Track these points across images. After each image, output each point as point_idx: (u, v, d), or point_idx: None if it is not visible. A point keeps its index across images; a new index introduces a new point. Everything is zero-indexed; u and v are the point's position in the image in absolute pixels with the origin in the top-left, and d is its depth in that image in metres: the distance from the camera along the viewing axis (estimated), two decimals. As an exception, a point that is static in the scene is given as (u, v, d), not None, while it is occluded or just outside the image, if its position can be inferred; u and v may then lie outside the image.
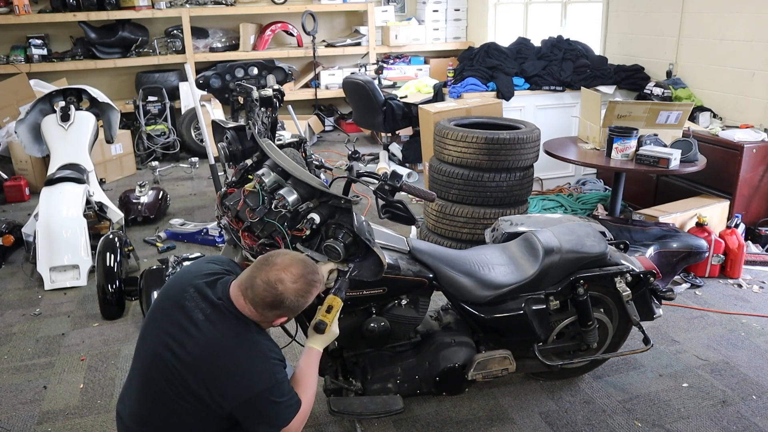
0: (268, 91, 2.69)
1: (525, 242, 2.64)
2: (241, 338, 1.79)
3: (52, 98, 4.90)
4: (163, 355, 1.80)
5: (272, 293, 1.78)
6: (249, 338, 1.81)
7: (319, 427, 2.63)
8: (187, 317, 1.81)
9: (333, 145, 7.37)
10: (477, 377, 2.49)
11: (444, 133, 3.96)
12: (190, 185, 6.05)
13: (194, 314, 1.81)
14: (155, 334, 1.86)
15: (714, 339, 3.27)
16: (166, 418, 1.84)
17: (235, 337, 1.79)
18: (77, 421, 2.71)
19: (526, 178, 4.02)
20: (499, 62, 5.48)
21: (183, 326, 1.81)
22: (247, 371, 1.77)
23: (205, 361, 1.76)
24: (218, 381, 1.76)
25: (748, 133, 4.22)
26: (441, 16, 7.93)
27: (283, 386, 1.83)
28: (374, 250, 2.17)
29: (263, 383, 1.78)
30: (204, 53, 7.35)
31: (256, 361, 1.79)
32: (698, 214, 3.94)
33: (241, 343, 1.79)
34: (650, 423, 2.65)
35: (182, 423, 1.83)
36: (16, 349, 3.29)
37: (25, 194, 5.66)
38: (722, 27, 4.64)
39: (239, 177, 2.43)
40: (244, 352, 1.78)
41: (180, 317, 1.82)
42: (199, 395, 1.77)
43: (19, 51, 6.86)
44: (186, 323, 1.81)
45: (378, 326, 2.32)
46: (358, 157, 5.77)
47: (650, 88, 5.06)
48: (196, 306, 1.83)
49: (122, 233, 4.03)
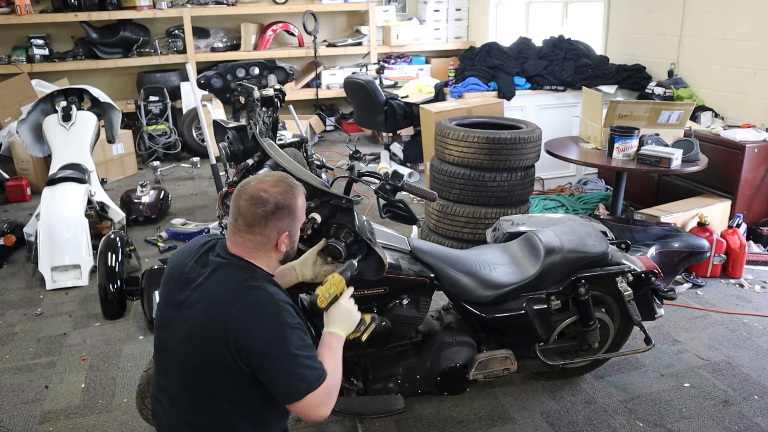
0: (269, 91, 2.70)
1: (526, 242, 2.64)
2: (242, 285, 1.73)
3: (54, 98, 4.91)
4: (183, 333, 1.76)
5: (259, 202, 1.75)
6: (251, 284, 1.74)
7: (320, 427, 2.63)
8: (191, 287, 1.79)
9: (334, 145, 7.37)
10: (478, 377, 2.49)
11: (445, 133, 3.96)
12: (192, 185, 6.06)
13: (196, 282, 1.79)
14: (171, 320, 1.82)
15: (715, 339, 3.27)
16: (210, 398, 1.77)
17: (236, 286, 1.73)
18: (78, 421, 2.72)
19: (528, 178, 4.02)
20: (501, 62, 5.47)
21: (189, 297, 1.78)
22: (254, 317, 1.69)
23: (213, 319, 1.70)
24: (230, 334, 1.67)
25: (749, 132, 4.22)
26: (442, 15, 7.93)
27: (296, 334, 1.70)
28: (375, 250, 2.17)
29: (273, 328, 1.68)
30: (205, 53, 7.35)
31: (262, 305, 1.71)
32: (700, 214, 3.94)
33: (243, 290, 1.72)
34: (652, 423, 2.65)
35: (226, 397, 1.76)
36: (18, 349, 3.30)
37: (26, 194, 5.66)
38: (724, 26, 4.64)
39: (240, 177, 2.44)
40: (248, 299, 1.71)
41: (185, 291, 1.80)
42: (224, 358, 1.69)
43: (20, 51, 6.87)
44: (191, 293, 1.78)
45: (379, 326, 2.32)
46: (359, 157, 5.77)
47: (652, 87, 5.06)
48: (198, 274, 1.80)
49: (123, 233, 4.03)
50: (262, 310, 1.70)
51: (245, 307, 1.70)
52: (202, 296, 1.76)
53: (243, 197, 1.77)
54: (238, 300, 1.71)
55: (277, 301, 1.72)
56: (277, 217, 1.77)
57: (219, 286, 1.75)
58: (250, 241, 1.78)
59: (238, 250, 1.80)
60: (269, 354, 1.68)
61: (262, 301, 1.71)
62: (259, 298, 1.71)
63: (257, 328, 1.68)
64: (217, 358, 1.70)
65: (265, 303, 1.71)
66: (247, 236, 1.77)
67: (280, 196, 1.77)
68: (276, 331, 1.69)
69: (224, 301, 1.71)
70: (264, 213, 1.75)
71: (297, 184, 1.85)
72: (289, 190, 1.80)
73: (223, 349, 1.68)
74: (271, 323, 1.69)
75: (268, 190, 1.76)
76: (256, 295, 1.71)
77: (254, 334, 1.68)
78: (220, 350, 1.69)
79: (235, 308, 1.69)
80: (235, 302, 1.70)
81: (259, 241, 1.78)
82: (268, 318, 1.69)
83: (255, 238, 1.77)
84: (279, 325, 1.69)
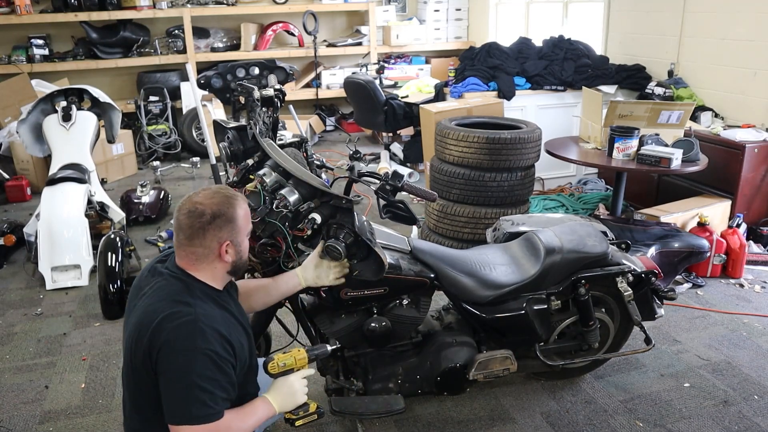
0: (269, 90, 2.69)
1: (526, 242, 2.64)
2: (171, 299, 1.74)
3: (54, 98, 4.91)
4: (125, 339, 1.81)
5: (195, 214, 1.76)
6: (180, 299, 1.74)
7: (320, 427, 2.63)
8: (139, 296, 1.83)
9: (334, 145, 7.36)
10: (478, 377, 2.49)
11: (445, 133, 3.96)
12: (192, 185, 6.05)
13: (143, 291, 1.83)
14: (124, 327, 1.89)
15: (715, 339, 3.27)
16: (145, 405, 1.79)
17: (166, 298, 1.74)
18: (79, 421, 2.72)
19: (528, 178, 4.02)
20: (501, 62, 5.47)
21: (135, 305, 1.82)
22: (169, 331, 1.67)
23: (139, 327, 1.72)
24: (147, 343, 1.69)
25: (749, 132, 4.22)
26: (442, 15, 7.93)
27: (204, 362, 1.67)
28: (375, 250, 2.17)
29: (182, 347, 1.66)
30: (205, 53, 7.35)
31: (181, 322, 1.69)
32: (700, 214, 3.94)
33: (169, 304, 1.73)
34: (652, 423, 2.65)
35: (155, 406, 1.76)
36: (18, 349, 3.30)
37: (26, 194, 5.67)
38: (724, 26, 4.64)
39: (240, 177, 2.43)
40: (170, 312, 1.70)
41: (134, 300, 1.85)
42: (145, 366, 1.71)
43: (20, 51, 6.87)
44: (137, 301, 1.82)
45: (379, 326, 2.32)
46: (359, 157, 5.76)
47: (652, 87, 5.06)
48: (147, 284, 1.84)
49: (123, 233, 4.03)
50: (179, 327, 1.69)
51: (164, 319, 1.69)
52: (140, 305, 1.79)
53: (182, 212, 1.79)
54: (161, 312, 1.71)
55: (198, 322, 1.70)
56: (214, 227, 1.78)
57: (153, 297, 1.77)
58: (192, 254, 1.80)
59: (182, 263, 1.82)
60: (169, 370, 1.68)
61: (183, 318, 1.70)
62: (181, 314, 1.70)
63: (167, 342, 1.67)
64: (142, 366, 1.72)
65: (185, 320, 1.69)
66: (189, 249, 1.79)
67: (216, 207, 1.78)
68: (184, 351, 1.67)
69: (151, 311, 1.73)
70: (201, 224, 1.77)
71: (236, 195, 1.85)
72: (226, 201, 1.81)
73: (146, 358, 1.71)
74: (182, 341, 1.67)
75: (204, 202, 1.78)
76: (180, 311, 1.71)
77: (164, 348, 1.67)
78: (143, 358, 1.71)
79: (156, 320, 1.70)
80: (157, 314, 1.71)
81: (201, 253, 1.80)
82: (181, 336, 1.68)
83: (196, 250, 1.79)
84: (190, 346, 1.67)
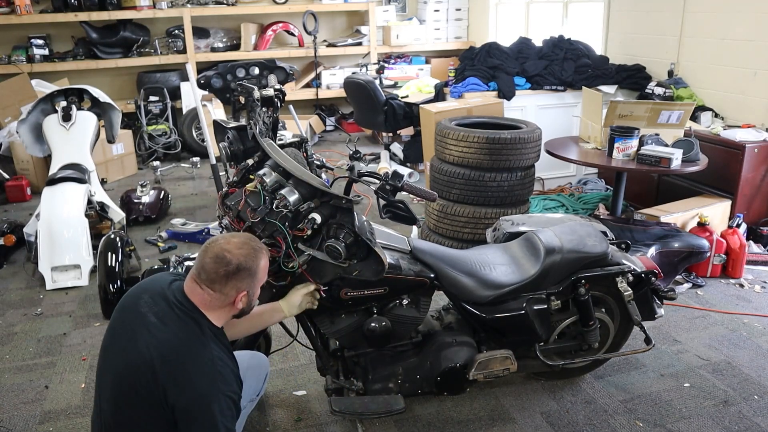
0: (269, 90, 2.69)
1: (526, 242, 2.64)
2: (191, 340, 1.80)
3: (54, 98, 4.91)
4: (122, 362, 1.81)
5: (222, 262, 1.83)
6: (199, 341, 1.81)
7: (320, 427, 2.63)
8: (141, 322, 1.83)
9: (334, 145, 7.37)
10: (478, 377, 2.49)
11: (445, 133, 3.96)
12: (192, 185, 6.06)
13: (148, 318, 1.83)
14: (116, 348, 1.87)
15: (715, 339, 3.27)
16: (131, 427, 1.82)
17: (185, 338, 1.80)
18: (79, 421, 2.72)
19: (528, 178, 4.02)
20: (501, 62, 5.47)
21: (136, 331, 1.82)
22: (192, 372, 1.75)
23: (155, 361, 1.75)
24: (165, 380, 1.74)
25: (749, 132, 4.22)
26: (442, 15, 7.93)
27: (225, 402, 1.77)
28: (375, 250, 2.17)
29: (204, 387, 1.75)
30: (205, 53, 7.35)
31: (202, 363, 1.78)
32: (700, 214, 3.94)
33: (190, 345, 1.79)
34: (652, 423, 2.65)
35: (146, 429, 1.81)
36: (18, 349, 3.30)
37: (26, 194, 5.67)
38: (724, 26, 4.64)
39: (240, 177, 2.43)
40: (191, 353, 1.78)
41: (134, 323, 1.84)
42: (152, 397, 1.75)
43: (20, 51, 6.87)
44: (139, 327, 1.82)
45: (379, 326, 2.32)
46: (359, 157, 5.76)
47: (652, 87, 5.06)
48: (150, 310, 1.85)
49: (123, 233, 4.03)
50: (203, 371, 1.76)
51: (187, 362, 1.76)
52: (148, 335, 1.80)
53: (209, 254, 1.85)
54: (181, 354, 1.76)
55: (216, 365, 1.78)
56: (238, 278, 1.85)
57: (166, 332, 1.80)
58: (209, 296, 1.85)
59: (195, 299, 1.86)
60: (192, 412, 1.74)
61: (205, 362, 1.77)
62: (202, 358, 1.78)
63: (191, 388, 1.74)
64: (146, 395, 1.76)
65: (207, 365, 1.77)
66: (207, 290, 1.85)
67: (243, 258, 1.85)
68: (209, 394, 1.75)
69: (168, 351, 1.76)
70: (226, 273, 1.83)
71: (261, 247, 1.93)
72: (253, 253, 1.88)
73: (154, 390, 1.74)
74: (207, 386, 1.75)
75: (233, 252, 1.84)
76: (201, 355, 1.78)
77: (187, 392, 1.74)
78: (150, 389, 1.75)
79: (176, 361, 1.75)
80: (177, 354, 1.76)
81: (217, 298, 1.86)
82: (205, 380, 1.75)
83: (214, 294, 1.85)
84: (215, 390, 1.75)
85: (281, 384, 2.92)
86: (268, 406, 2.77)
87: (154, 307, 1.85)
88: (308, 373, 2.97)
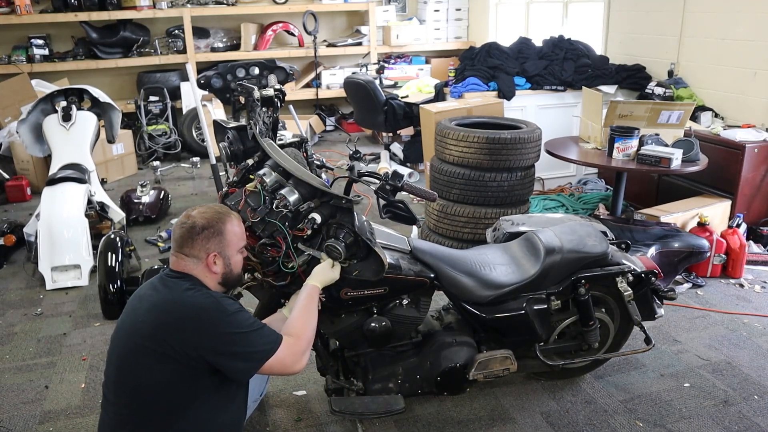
0: (269, 90, 2.69)
1: (526, 242, 2.64)
2: (189, 290, 1.90)
3: (54, 98, 4.91)
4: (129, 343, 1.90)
5: (185, 225, 1.95)
6: (189, 287, 1.91)
7: (320, 427, 2.63)
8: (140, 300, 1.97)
9: (334, 145, 7.37)
10: (478, 377, 2.49)
11: (445, 133, 3.96)
12: (192, 185, 6.06)
13: (146, 294, 1.96)
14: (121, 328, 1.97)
15: (715, 339, 3.27)
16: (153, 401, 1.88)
17: (183, 290, 1.90)
18: (79, 421, 2.72)
19: (528, 178, 4.02)
20: (501, 62, 5.47)
21: (136, 308, 1.94)
22: (198, 311, 1.86)
23: (160, 319, 1.86)
24: (176, 331, 1.84)
25: (749, 132, 4.22)
26: (442, 15, 7.93)
27: (239, 317, 1.89)
28: (375, 250, 2.17)
29: (215, 316, 1.86)
30: (205, 53, 7.35)
31: (204, 300, 1.88)
32: (700, 214, 3.94)
33: (188, 294, 1.89)
34: (652, 423, 2.65)
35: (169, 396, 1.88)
36: (18, 349, 3.30)
37: (26, 194, 5.66)
38: (724, 26, 4.64)
39: (240, 177, 2.44)
40: (192, 298, 1.88)
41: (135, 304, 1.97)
42: (167, 356, 1.83)
43: (20, 51, 6.87)
44: (139, 303, 1.95)
45: (379, 326, 2.32)
46: (359, 157, 5.76)
47: (652, 87, 5.06)
48: (146, 290, 1.98)
49: (123, 233, 4.03)
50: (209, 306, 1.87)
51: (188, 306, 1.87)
52: (147, 303, 1.93)
53: (177, 224, 1.99)
54: (179, 301, 1.88)
55: (213, 296, 1.91)
56: (202, 237, 1.94)
57: (163, 293, 1.92)
58: (183, 260, 1.96)
59: (179, 267, 1.97)
60: (219, 343, 1.85)
61: (202, 299, 1.89)
62: (198, 297, 1.89)
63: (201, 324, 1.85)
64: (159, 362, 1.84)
65: (205, 300, 1.89)
66: (180, 256, 1.96)
67: (204, 220, 1.95)
68: (225, 322, 1.86)
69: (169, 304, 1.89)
70: (189, 234, 1.94)
71: (229, 212, 2.02)
72: (216, 216, 1.97)
73: (169, 350, 1.83)
74: (217, 315, 1.86)
75: (194, 216, 1.97)
76: (194, 296, 1.89)
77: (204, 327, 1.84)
78: (165, 351, 1.83)
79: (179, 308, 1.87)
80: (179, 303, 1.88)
81: (191, 262, 1.95)
82: (213, 312, 1.86)
83: (187, 258, 1.95)
84: (225, 316, 1.87)
85: (281, 384, 2.92)
86: (268, 406, 2.78)
87: (150, 287, 1.98)
88: (308, 373, 2.97)
